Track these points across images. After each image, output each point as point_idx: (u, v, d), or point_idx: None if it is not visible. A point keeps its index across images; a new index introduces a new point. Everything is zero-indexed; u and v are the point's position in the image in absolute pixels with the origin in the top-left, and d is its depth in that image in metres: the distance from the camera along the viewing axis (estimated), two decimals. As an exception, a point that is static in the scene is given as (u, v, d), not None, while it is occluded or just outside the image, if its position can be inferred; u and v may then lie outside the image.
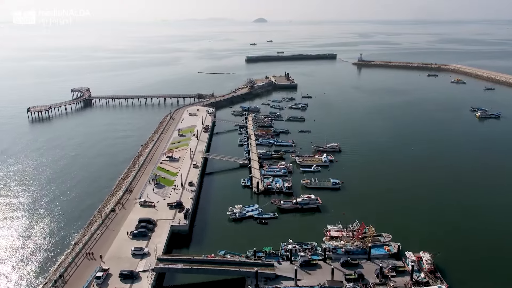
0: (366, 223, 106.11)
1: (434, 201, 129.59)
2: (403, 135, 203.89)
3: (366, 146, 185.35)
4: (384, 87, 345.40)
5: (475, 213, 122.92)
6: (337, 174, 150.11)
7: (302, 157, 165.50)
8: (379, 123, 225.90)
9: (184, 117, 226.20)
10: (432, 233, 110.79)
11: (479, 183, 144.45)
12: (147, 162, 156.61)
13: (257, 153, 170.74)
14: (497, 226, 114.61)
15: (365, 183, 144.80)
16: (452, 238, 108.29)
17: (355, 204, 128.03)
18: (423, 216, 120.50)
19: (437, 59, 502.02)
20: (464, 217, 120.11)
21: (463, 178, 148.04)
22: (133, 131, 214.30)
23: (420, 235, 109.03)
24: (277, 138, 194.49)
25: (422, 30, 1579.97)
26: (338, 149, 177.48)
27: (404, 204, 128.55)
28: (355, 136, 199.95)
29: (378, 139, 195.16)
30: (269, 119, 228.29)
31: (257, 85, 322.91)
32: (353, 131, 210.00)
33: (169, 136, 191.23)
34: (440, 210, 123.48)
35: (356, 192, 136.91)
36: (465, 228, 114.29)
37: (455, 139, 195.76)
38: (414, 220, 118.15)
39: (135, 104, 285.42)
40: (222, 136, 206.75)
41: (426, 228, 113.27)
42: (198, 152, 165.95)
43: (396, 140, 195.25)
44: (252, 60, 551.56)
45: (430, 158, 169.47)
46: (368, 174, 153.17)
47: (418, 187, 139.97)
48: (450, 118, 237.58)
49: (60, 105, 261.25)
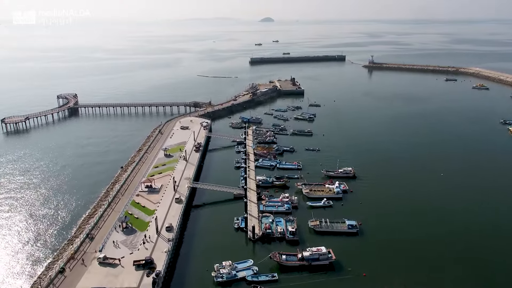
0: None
1: (487, 249, 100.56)
2: (428, 154, 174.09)
3: (385, 169, 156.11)
4: (399, 93, 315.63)
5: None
6: (353, 211, 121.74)
7: (310, 186, 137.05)
8: (398, 139, 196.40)
9: (174, 131, 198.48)
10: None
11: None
12: (121, 194, 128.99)
13: (256, 179, 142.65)
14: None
15: (389, 223, 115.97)
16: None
17: (379, 258, 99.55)
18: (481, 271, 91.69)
19: (452, 61, 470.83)
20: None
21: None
22: (116, 148, 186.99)
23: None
24: (280, 160, 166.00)
25: (431, 30, 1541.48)
26: (352, 175, 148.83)
27: (444, 252, 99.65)
28: (371, 156, 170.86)
29: (399, 161, 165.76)
30: (271, 133, 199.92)
31: (259, 92, 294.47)
32: (369, 149, 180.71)
33: (154, 156, 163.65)
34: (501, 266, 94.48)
35: (379, 238, 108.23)
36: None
37: (490, 161, 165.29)
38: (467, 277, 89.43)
39: (125, 113, 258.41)
40: (217, 155, 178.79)
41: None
42: (185, 180, 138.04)
43: (419, 161, 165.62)
44: (256, 62, 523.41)
45: (465, 187, 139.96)
46: (391, 209, 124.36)
47: (458, 227, 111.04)
48: (479, 132, 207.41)
49: (40, 115, 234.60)
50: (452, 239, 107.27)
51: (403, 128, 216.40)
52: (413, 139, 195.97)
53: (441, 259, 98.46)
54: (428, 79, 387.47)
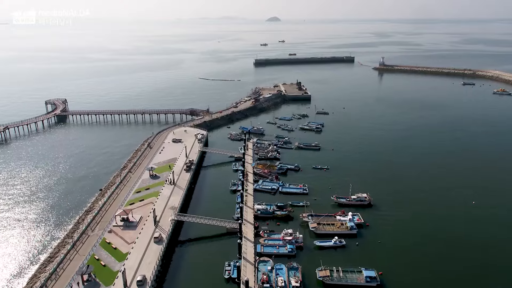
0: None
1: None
2: (454, 175, 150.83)
3: (406, 195, 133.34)
4: (414, 99, 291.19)
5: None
6: (371, 254, 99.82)
7: (318, 219, 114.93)
8: (418, 155, 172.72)
9: (165, 144, 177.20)
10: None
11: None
12: (91, 229, 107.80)
13: (254, 209, 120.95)
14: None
15: (417, 271, 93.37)
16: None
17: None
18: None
19: (468, 63, 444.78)
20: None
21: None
22: (100, 164, 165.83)
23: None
24: (283, 181, 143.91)
25: (438, 29, 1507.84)
26: (368, 202, 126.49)
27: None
28: (388, 177, 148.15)
29: (421, 184, 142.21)
30: (274, 147, 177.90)
31: (262, 98, 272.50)
32: (384, 168, 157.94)
33: (138, 176, 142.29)
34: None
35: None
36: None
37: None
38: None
39: (116, 121, 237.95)
40: (211, 175, 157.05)
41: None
42: (169, 210, 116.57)
43: (445, 185, 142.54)
44: (260, 63, 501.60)
45: (501, 219, 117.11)
46: (418, 250, 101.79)
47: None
48: (509, 147, 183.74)
49: (22, 123, 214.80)
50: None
51: (423, 141, 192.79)
52: (436, 156, 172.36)
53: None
54: (444, 83, 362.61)
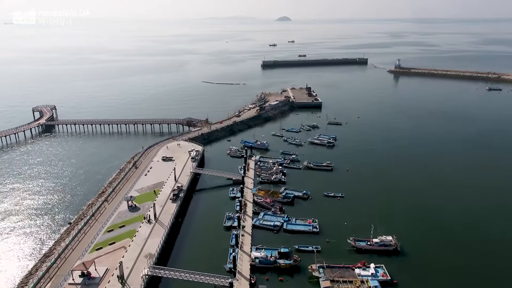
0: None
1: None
2: (493, 206, 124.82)
3: (440, 234, 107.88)
4: (435, 108, 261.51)
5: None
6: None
7: (332, 273, 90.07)
8: (449, 183, 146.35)
9: (153, 163, 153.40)
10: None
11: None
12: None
13: (251, 257, 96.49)
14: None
15: None
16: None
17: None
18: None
19: (490, 65, 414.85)
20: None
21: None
22: (75, 189, 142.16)
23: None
24: (289, 214, 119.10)
25: (457, 29, 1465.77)
26: (394, 248, 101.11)
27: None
28: (417, 212, 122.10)
29: (456, 224, 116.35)
30: (278, 168, 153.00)
31: (268, 105, 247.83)
32: (412, 199, 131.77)
33: (115, 207, 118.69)
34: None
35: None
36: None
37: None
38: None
39: (106, 132, 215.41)
40: (203, 203, 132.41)
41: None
42: (143, 260, 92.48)
43: (484, 219, 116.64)
44: (268, 65, 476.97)
45: None
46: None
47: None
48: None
49: (1, 135, 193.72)
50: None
51: (448, 162, 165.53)
52: (468, 182, 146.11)
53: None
54: (467, 88, 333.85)
